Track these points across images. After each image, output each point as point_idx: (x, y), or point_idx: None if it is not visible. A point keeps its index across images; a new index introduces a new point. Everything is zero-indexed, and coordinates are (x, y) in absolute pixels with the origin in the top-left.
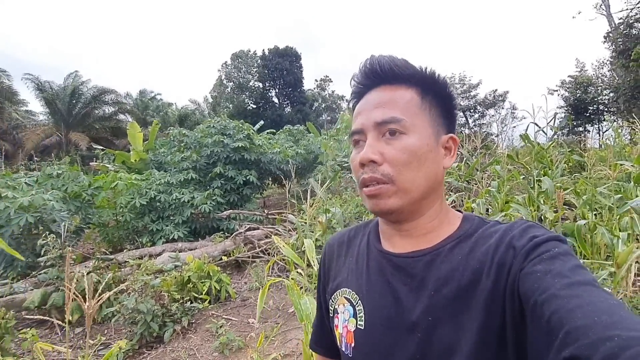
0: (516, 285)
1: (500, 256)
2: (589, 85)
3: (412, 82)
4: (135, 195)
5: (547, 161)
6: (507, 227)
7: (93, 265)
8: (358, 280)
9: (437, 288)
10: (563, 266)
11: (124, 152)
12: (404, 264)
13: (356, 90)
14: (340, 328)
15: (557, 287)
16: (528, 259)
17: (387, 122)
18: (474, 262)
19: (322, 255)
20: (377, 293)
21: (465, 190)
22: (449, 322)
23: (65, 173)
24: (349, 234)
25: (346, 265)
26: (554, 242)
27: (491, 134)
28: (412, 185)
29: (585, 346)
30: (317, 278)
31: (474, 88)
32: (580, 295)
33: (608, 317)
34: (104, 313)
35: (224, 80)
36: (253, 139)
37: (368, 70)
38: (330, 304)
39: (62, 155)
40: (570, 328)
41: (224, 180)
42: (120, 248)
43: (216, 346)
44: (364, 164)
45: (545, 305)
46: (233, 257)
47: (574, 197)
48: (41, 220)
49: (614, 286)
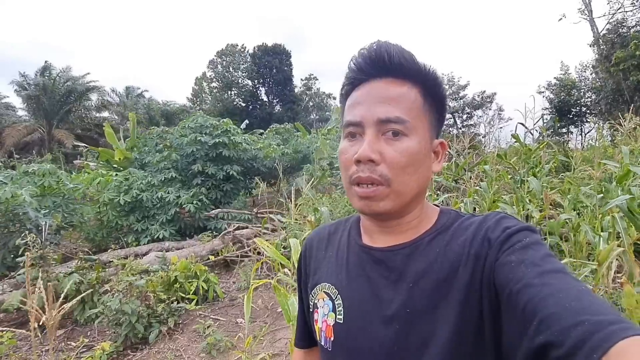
0: (492, 276)
1: (476, 248)
2: (573, 87)
3: (416, 80)
4: (118, 192)
5: (535, 161)
6: (482, 220)
7: (75, 266)
8: (338, 274)
9: (415, 281)
10: (535, 255)
11: (109, 150)
12: (383, 258)
13: (356, 76)
14: (320, 322)
15: (530, 276)
16: (502, 250)
17: (391, 121)
18: (451, 254)
19: (302, 251)
20: (356, 287)
21: (454, 190)
22: (426, 314)
23: (41, 169)
24: (329, 229)
25: (326, 260)
26: (525, 232)
27: (479, 134)
28: (406, 188)
29: (557, 332)
30: (297, 273)
31: (463, 89)
32: (552, 284)
33: (578, 303)
34: (87, 314)
35: (210, 75)
36: (232, 136)
37: (374, 57)
38: (310, 298)
39: (45, 152)
40: (543, 315)
41: (204, 178)
42: (104, 248)
43: (203, 347)
44: (362, 161)
45: (520, 295)
46: (221, 256)
47: (559, 196)
48: (15, 217)
49: (595, 283)
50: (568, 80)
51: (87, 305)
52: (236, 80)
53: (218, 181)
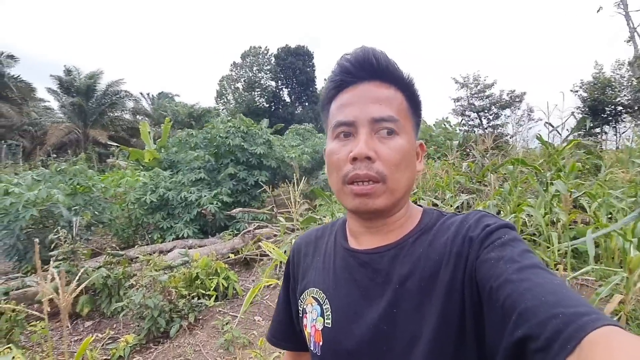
0: (473, 274)
1: (458, 247)
2: (607, 86)
3: (400, 85)
4: (144, 192)
5: (560, 164)
6: (463, 219)
7: (103, 261)
8: (325, 279)
9: (401, 281)
10: (513, 252)
11: (139, 150)
12: (369, 260)
13: (343, 79)
14: (309, 328)
15: (509, 272)
16: (482, 247)
17: (384, 120)
18: (434, 254)
19: (290, 256)
20: (343, 290)
21: (477, 191)
22: (412, 313)
23: (71, 168)
24: (316, 233)
25: (313, 265)
26: (504, 229)
27: (506, 134)
28: (399, 185)
29: (535, 325)
30: (284, 276)
31: (489, 88)
32: (530, 279)
33: (553, 296)
34: (113, 307)
35: (234, 76)
36: (272, 145)
37: (361, 60)
38: (299, 304)
39: (79, 152)
40: (521, 310)
41: (235, 182)
42: (132, 244)
43: (221, 342)
44: (358, 159)
45: (499, 291)
46: (241, 255)
47: (587, 200)
48: (50, 215)
49: (626, 292)
50: (602, 79)
51: (113, 298)
52: (259, 81)
53: (248, 186)
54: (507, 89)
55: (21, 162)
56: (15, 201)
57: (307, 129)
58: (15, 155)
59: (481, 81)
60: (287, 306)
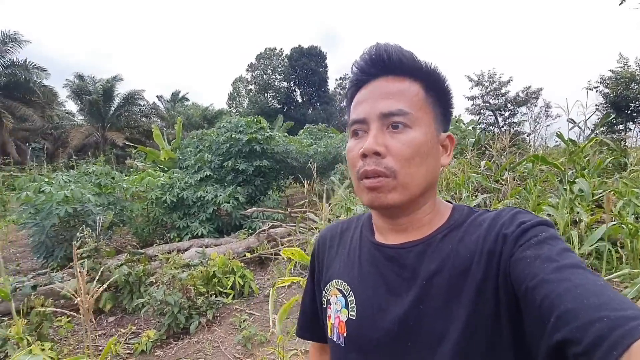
0: (508, 272)
1: (490, 244)
2: (632, 80)
3: (417, 76)
4: (163, 191)
5: (584, 161)
6: (496, 215)
7: (125, 259)
8: (350, 271)
9: (428, 278)
10: (551, 250)
11: (155, 151)
12: (396, 255)
13: (359, 78)
14: (333, 319)
15: (546, 272)
16: (517, 245)
17: (393, 114)
18: (464, 251)
19: (315, 247)
20: (369, 284)
21: (494, 190)
22: (439, 310)
23: (98, 169)
24: (342, 226)
25: (338, 257)
26: (541, 226)
27: (523, 132)
28: (412, 180)
29: (575, 329)
30: (310, 268)
31: (505, 85)
32: (569, 279)
33: (596, 298)
34: (135, 304)
35: (248, 78)
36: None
37: (374, 58)
38: (324, 295)
39: (99, 153)
40: (561, 312)
41: (235, 174)
42: (151, 243)
43: (239, 339)
44: (367, 155)
45: (536, 291)
46: (257, 253)
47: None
48: (78, 213)
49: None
50: (626, 73)
51: (134, 295)
52: (273, 82)
53: (249, 176)
54: (522, 85)
55: (45, 163)
56: (48, 199)
57: (320, 128)
58: (39, 157)
59: (496, 79)
60: (312, 297)
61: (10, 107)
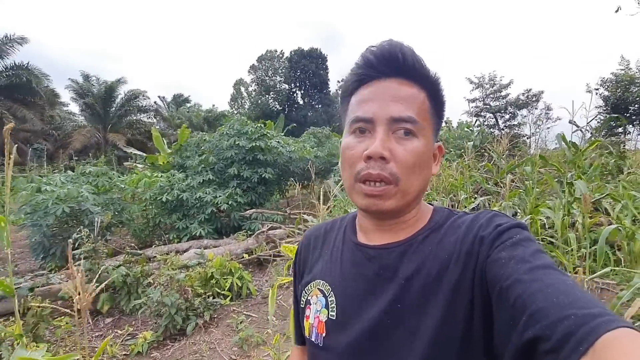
0: (484, 273)
1: (468, 246)
2: (631, 83)
3: (424, 84)
4: (161, 192)
5: (583, 164)
6: (474, 218)
7: (123, 260)
8: (332, 272)
9: (407, 278)
10: (525, 252)
11: (153, 155)
12: (377, 255)
13: (365, 72)
14: (312, 319)
15: (519, 272)
16: (493, 247)
17: (404, 121)
18: (442, 252)
19: (299, 248)
20: (349, 284)
21: (493, 193)
22: (416, 309)
23: (95, 170)
24: (326, 227)
25: (322, 258)
26: (516, 229)
27: (523, 135)
28: (411, 188)
29: (545, 326)
30: (293, 269)
31: (505, 88)
32: (541, 279)
33: (565, 297)
34: (132, 305)
35: (249, 80)
36: (268, 140)
37: (387, 55)
38: (303, 295)
39: (100, 155)
40: (532, 311)
41: (239, 181)
42: (149, 243)
43: (236, 341)
44: (372, 158)
45: (510, 290)
46: (255, 255)
47: (610, 202)
48: (75, 213)
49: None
50: (626, 76)
51: (132, 296)
52: (274, 84)
53: (253, 184)
54: (523, 88)
55: (45, 164)
56: (46, 198)
57: (324, 133)
58: (40, 158)
59: (497, 81)
60: (297, 303)
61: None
